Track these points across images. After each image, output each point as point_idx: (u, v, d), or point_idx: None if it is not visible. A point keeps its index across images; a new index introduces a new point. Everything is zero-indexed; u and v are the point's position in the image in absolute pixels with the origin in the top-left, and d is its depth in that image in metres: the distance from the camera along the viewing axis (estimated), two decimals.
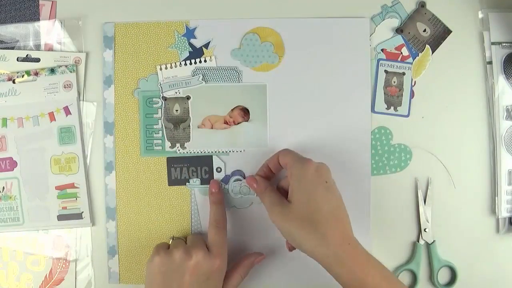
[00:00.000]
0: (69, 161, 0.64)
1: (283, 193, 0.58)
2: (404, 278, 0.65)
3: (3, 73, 0.64)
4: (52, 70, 0.64)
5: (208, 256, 0.57)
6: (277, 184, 0.61)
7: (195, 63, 0.64)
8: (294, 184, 0.55)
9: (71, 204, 0.64)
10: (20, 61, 0.65)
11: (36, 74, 0.64)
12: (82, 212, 0.64)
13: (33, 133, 0.64)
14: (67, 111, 0.64)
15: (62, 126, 0.64)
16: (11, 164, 0.64)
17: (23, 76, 0.64)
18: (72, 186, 0.64)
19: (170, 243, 0.60)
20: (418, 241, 0.64)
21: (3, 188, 0.64)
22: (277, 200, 0.57)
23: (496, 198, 0.64)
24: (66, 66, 0.64)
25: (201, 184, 0.65)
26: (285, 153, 0.59)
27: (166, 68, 0.64)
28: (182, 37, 0.64)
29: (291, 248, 0.60)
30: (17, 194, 0.65)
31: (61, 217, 0.64)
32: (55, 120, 0.64)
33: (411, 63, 0.65)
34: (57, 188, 0.64)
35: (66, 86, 0.64)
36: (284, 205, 0.55)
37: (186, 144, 0.64)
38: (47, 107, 0.64)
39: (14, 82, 0.64)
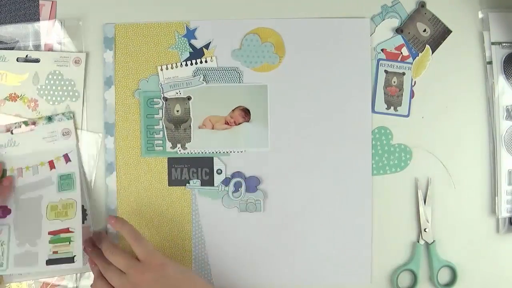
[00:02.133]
0: (67, 207, 0.62)
1: None
2: (404, 278, 0.65)
3: (1, 125, 0.64)
4: (50, 118, 0.64)
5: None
6: None
7: (196, 63, 0.64)
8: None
9: (63, 248, 0.61)
10: (20, 61, 0.64)
11: (34, 123, 0.64)
12: (75, 256, 0.61)
13: (32, 182, 0.63)
14: (66, 158, 0.64)
15: (62, 174, 0.63)
16: (5, 212, 0.62)
17: (20, 126, 0.64)
18: (67, 231, 0.62)
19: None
20: (418, 241, 0.64)
21: None
22: None
23: (496, 198, 0.64)
24: (63, 113, 0.64)
25: (201, 185, 0.65)
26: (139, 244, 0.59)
27: (167, 68, 0.64)
28: (183, 38, 0.64)
29: None
30: (6, 240, 0.62)
31: (50, 262, 0.61)
32: (55, 168, 0.64)
33: (411, 63, 0.65)
34: (50, 233, 0.62)
35: (64, 133, 0.64)
36: None
37: (187, 145, 0.65)
38: (46, 156, 0.64)
39: (12, 132, 0.64)
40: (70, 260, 0.61)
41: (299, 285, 0.65)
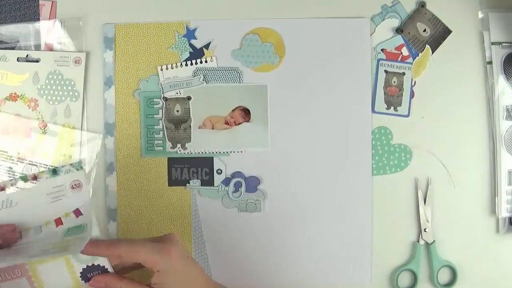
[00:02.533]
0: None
1: None
2: (404, 278, 0.65)
3: None
4: (55, 171, 0.56)
5: None
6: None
7: (196, 63, 0.64)
8: (168, 281, 0.50)
9: None
10: (21, 61, 0.64)
11: (35, 178, 0.56)
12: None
13: (33, 242, 0.54)
14: (77, 213, 0.55)
15: (70, 227, 0.54)
16: None
17: (17, 182, 0.55)
18: None
19: None
20: (418, 241, 0.64)
21: None
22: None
23: (496, 198, 0.64)
24: (71, 164, 0.57)
25: (201, 185, 0.65)
26: (136, 249, 0.50)
27: (167, 68, 0.64)
28: (183, 38, 0.64)
29: None
30: None
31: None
32: (62, 224, 0.54)
33: (411, 63, 0.65)
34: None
35: (74, 186, 0.56)
36: None
37: (187, 145, 0.65)
38: (52, 214, 0.54)
39: (6, 192, 0.55)
40: None
41: (299, 285, 0.65)
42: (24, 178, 0.56)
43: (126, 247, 0.50)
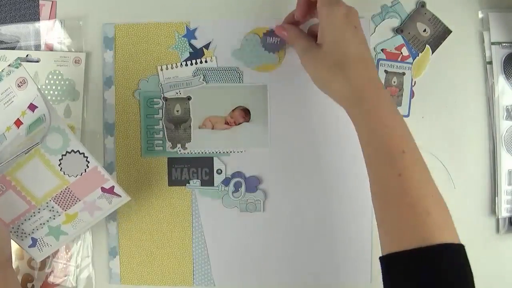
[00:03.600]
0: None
1: (313, 37, 0.59)
2: None
3: None
4: None
5: None
6: (307, 29, 0.61)
7: (196, 63, 0.64)
8: (324, 27, 0.55)
9: None
10: (21, 61, 0.64)
11: None
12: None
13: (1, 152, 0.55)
14: (32, 107, 0.55)
15: (31, 123, 0.55)
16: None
17: None
18: None
19: None
20: None
21: None
22: (308, 45, 0.57)
23: (496, 198, 0.64)
24: (9, 65, 0.55)
25: (201, 185, 0.65)
26: None
27: (166, 68, 0.64)
28: (183, 38, 0.64)
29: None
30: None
31: None
32: (22, 123, 0.55)
33: (411, 63, 0.65)
34: None
35: (20, 84, 0.55)
36: (314, 51, 0.56)
37: (187, 145, 0.65)
38: (10, 118, 0.56)
39: None
40: None
41: (299, 285, 0.65)
42: None
43: None
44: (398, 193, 0.49)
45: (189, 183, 0.65)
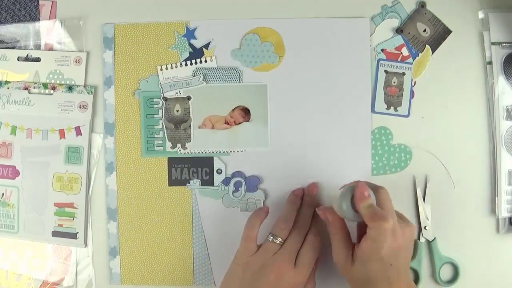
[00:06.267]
0: (72, 181, 0.64)
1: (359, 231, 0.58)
2: None
3: (21, 81, 0.64)
4: (70, 88, 0.64)
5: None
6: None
7: (196, 63, 0.64)
8: (368, 245, 0.53)
9: (67, 223, 0.64)
10: (21, 60, 0.65)
11: (53, 88, 0.64)
12: (77, 232, 0.64)
13: (40, 147, 0.64)
14: (78, 131, 0.64)
15: (71, 145, 0.64)
16: (14, 173, 0.64)
17: (40, 87, 0.64)
18: (71, 205, 0.64)
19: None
20: (419, 239, 0.64)
21: (2, 194, 0.65)
22: (345, 245, 0.56)
23: (496, 198, 0.64)
24: (84, 86, 0.64)
25: (201, 185, 0.65)
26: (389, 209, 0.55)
27: (166, 68, 0.64)
28: (182, 38, 0.64)
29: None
30: (16, 203, 0.65)
31: (55, 234, 0.65)
32: (64, 138, 0.64)
33: (411, 63, 0.65)
34: (56, 204, 0.64)
35: (81, 106, 0.64)
36: (349, 254, 0.56)
37: (187, 145, 0.65)
38: (58, 124, 0.64)
39: (29, 92, 0.64)
40: (73, 236, 0.64)
41: None
42: (45, 85, 0.64)
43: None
44: None
45: (189, 183, 0.65)
